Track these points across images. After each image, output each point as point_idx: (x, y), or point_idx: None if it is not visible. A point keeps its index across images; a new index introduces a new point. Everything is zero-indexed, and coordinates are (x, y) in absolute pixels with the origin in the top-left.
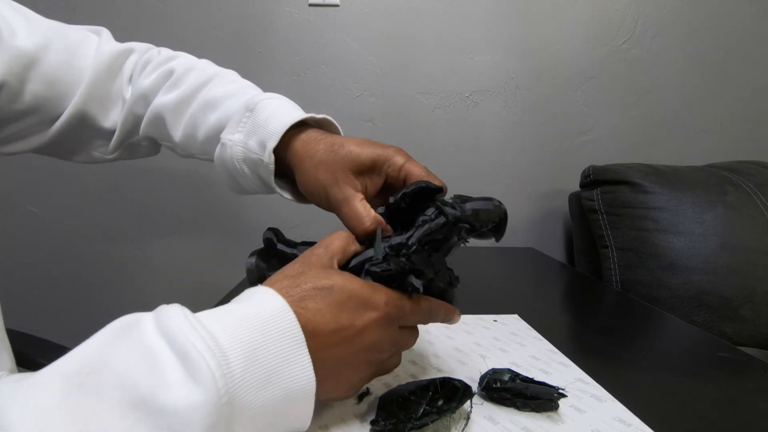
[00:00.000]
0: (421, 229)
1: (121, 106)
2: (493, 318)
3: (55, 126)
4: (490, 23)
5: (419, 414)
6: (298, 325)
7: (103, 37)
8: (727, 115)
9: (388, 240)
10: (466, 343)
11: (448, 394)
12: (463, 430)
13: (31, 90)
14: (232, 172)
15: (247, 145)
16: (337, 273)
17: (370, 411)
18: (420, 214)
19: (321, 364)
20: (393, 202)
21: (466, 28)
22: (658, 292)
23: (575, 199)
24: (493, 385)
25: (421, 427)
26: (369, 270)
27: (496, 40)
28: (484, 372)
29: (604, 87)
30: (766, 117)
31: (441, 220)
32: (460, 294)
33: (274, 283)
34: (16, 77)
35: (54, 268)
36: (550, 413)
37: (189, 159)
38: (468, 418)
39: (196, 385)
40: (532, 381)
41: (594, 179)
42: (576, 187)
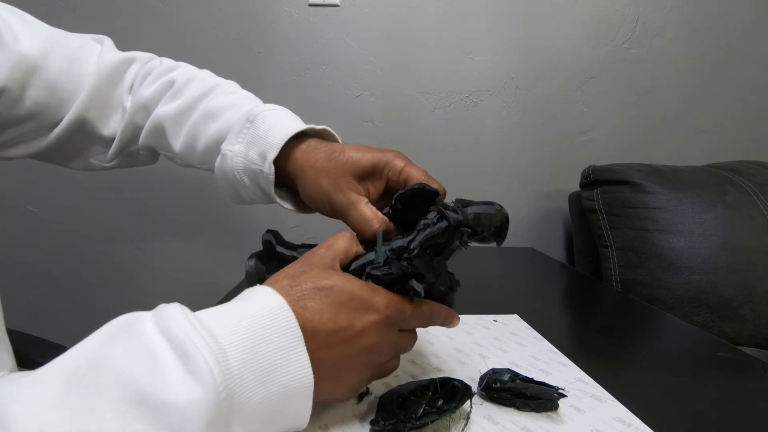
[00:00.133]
0: (423, 233)
1: (121, 114)
2: (493, 318)
3: (54, 132)
4: (490, 23)
5: (419, 414)
6: (297, 324)
7: (105, 46)
8: (727, 115)
9: (390, 243)
10: (466, 343)
11: (448, 394)
12: (463, 430)
13: (32, 96)
14: (232, 182)
15: (248, 156)
16: (338, 274)
17: (370, 411)
18: (421, 218)
19: (320, 363)
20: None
21: (466, 28)
22: (658, 292)
23: (575, 199)
24: (493, 385)
25: (420, 427)
26: (370, 273)
27: (496, 40)
28: (484, 372)
29: (604, 87)
30: (766, 117)
31: (443, 224)
32: (460, 294)
33: (275, 282)
34: (17, 82)
35: (54, 268)
36: (550, 413)
37: None
38: (468, 418)
39: (196, 381)
40: (532, 381)
41: (594, 179)
42: (576, 187)
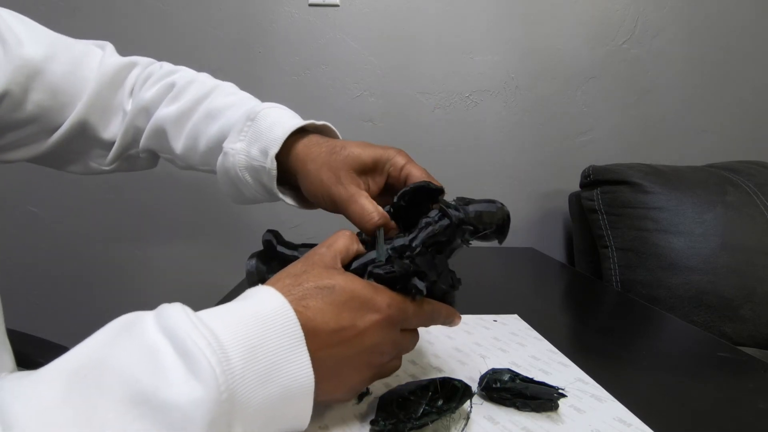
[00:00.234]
0: (425, 231)
1: (122, 117)
2: (493, 318)
3: (54, 135)
4: (490, 23)
5: (419, 414)
6: (298, 323)
7: (107, 51)
8: (727, 115)
9: (391, 242)
10: (466, 343)
11: (448, 394)
12: (463, 430)
13: (34, 99)
14: (234, 180)
15: (250, 153)
16: (340, 273)
17: (370, 411)
18: (423, 216)
19: (321, 363)
20: (394, 201)
21: (466, 28)
22: (658, 292)
23: (575, 199)
24: (493, 385)
25: (420, 427)
26: (372, 272)
27: (496, 40)
28: (483, 372)
29: (604, 87)
30: (766, 117)
31: (445, 222)
32: (460, 294)
33: (276, 281)
34: (20, 86)
35: (54, 268)
36: (550, 413)
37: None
38: (468, 418)
39: (197, 381)
40: (532, 381)
41: (594, 179)
42: (576, 187)
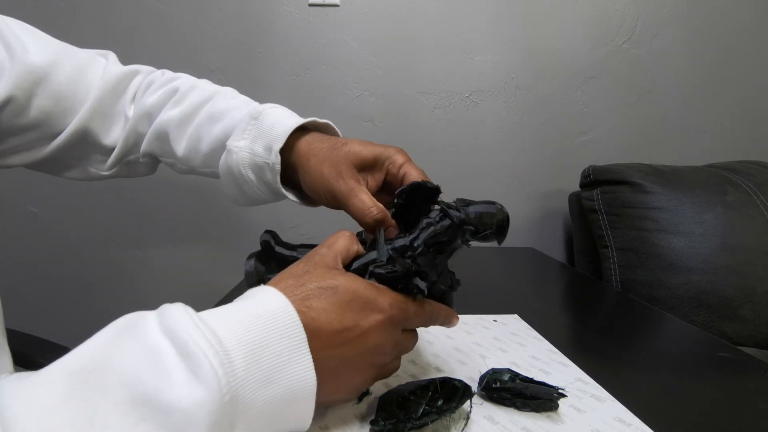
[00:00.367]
0: (427, 231)
1: (123, 123)
2: (493, 318)
3: (55, 141)
4: (490, 23)
5: (419, 414)
6: (300, 325)
7: (110, 60)
8: (727, 115)
9: (392, 242)
10: (465, 343)
11: (448, 394)
12: (463, 430)
13: (38, 105)
14: (237, 179)
15: (253, 150)
16: (342, 273)
17: (370, 411)
18: (423, 217)
19: (323, 364)
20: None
21: (466, 28)
22: (658, 292)
23: (575, 199)
24: (493, 385)
25: (420, 427)
26: (374, 271)
27: (496, 40)
28: (483, 372)
29: (604, 87)
30: (766, 117)
31: (446, 222)
32: (460, 294)
33: (279, 282)
34: (24, 92)
35: (54, 268)
36: (549, 413)
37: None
38: (468, 418)
39: (199, 383)
40: (531, 381)
41: (594, 179)
42: (576, 187)
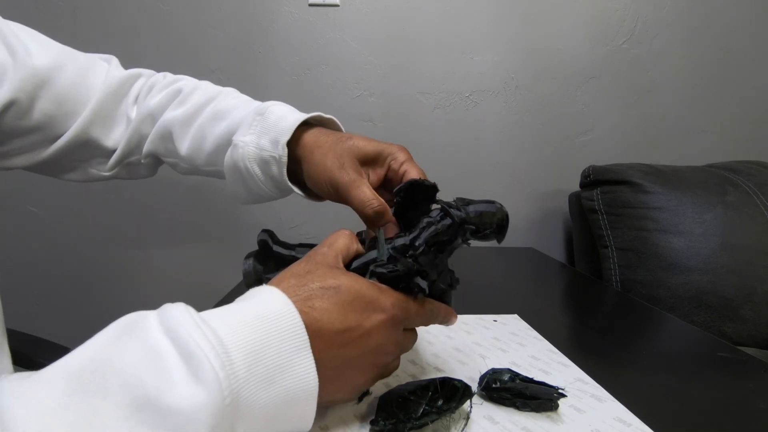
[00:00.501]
0: (428, 231)
1: (126, 125)
2: (493, 318)
3: (56, 144)
4: (490, 23)
5: (419, 414)
6: (303, 326)
7: (113, 64)
8: (727, 115)
9: (392, 241)
10: (465, 343)
11: (448, 394)
12: (463, 430)
13: (41, 108)
14: (242, 174)
15: (260, 144)
16: (344, 273)
17: (370, 411)
18: (423, 216)
19: (325, 364)
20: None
21: (466, 28)
22: (658, 292)
23: (575, 199)
24: (493, 385)
25: (420, 427)
26: (375, 271)
27: (496, 40)
28: (483, 372)
29: (604, 87)
30: (766, 117)
31: (447, 221)
32: (460, 294)
33: (280, 282)
34: (27, 95)
35: (54, 268)
36: (549, 413)
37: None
38: (468, 418)
39: (200, 385)
40: (531, 381)
41: (594, 179)
42: (576, 187)
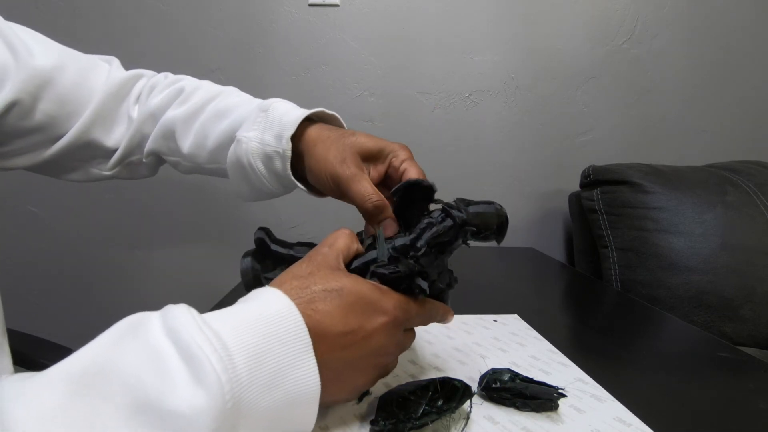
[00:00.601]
0: (430, 232)
1: (127, 125)
2: (493, 318)
3: (57, 144)
4: (490, 23)
5: (419, 414)
6: (305, 329)
7: (114, 65)
8: (727, 115)
9: (392, 241)
10: (465, 343)
11: (448, 394)
12: (463, 430)
13: (43, 108)
14: (246, 170)
15: (263, 139)
16: (346, 275)
17: (370, 411)
18: (423, 216)
19: (327, 366)
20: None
21: (466, 28)
22: (658, 292)
23: (575, 199)
24: (493, 385)
25: (420, 427)
26: (376, 272)
27: (496, 40)
28: (483, 372)
29: (604, 87)
30: (766, 117)
31: (448, 222)
32: (460, 294)
33: (283, 283)
34: (30, 95)
35: (54, 268)
36: (549, 413)
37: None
38: (468, 418)
39: (202, 388)
40: (531, 381)
41: (594, 179)
42: (576, 187)
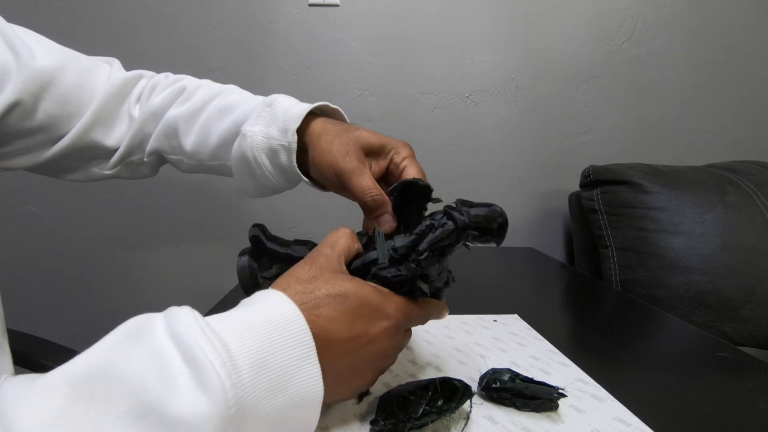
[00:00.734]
0: (433, 235)
1: (128, 124)
2: (493, 318)
3: (58, 145)
4: (490, 23)
5: (419, 414)
6: (310, 333)
7: (115, 66)
8: (727, 115)
9: (391, 242)
10: (465, 343)
11: (448, 394)
12: (463, 430)
13: (44, 109)
14: (250, 165)
15: (268, 133)
16: (349, 279)
17: (370, 411)
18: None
19: (330, 370)
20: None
21: (466, 28)
22: (658, 292)
23: (575, 199)
24: (493, 385)
25: (420, 427)
26: (378, 274)
27: (496, 40)
28: (483, 372)
29: (604, 87)
30: (766, 117)
31: (450, 226)
32: (460, 294)
33: (286, 287)
34: (31, 96)
35: (54, 268)
36: (549, 413)
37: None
38: (468, 418)
39: (205, 394)
40: (531, 381)
41: (594, 179)
42: (576, 187)
